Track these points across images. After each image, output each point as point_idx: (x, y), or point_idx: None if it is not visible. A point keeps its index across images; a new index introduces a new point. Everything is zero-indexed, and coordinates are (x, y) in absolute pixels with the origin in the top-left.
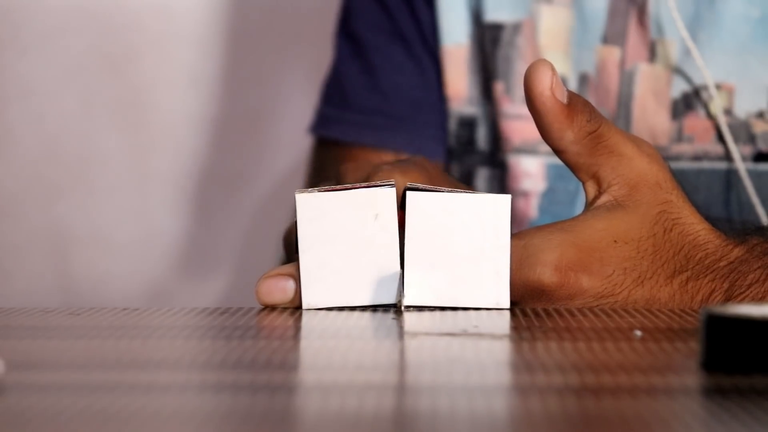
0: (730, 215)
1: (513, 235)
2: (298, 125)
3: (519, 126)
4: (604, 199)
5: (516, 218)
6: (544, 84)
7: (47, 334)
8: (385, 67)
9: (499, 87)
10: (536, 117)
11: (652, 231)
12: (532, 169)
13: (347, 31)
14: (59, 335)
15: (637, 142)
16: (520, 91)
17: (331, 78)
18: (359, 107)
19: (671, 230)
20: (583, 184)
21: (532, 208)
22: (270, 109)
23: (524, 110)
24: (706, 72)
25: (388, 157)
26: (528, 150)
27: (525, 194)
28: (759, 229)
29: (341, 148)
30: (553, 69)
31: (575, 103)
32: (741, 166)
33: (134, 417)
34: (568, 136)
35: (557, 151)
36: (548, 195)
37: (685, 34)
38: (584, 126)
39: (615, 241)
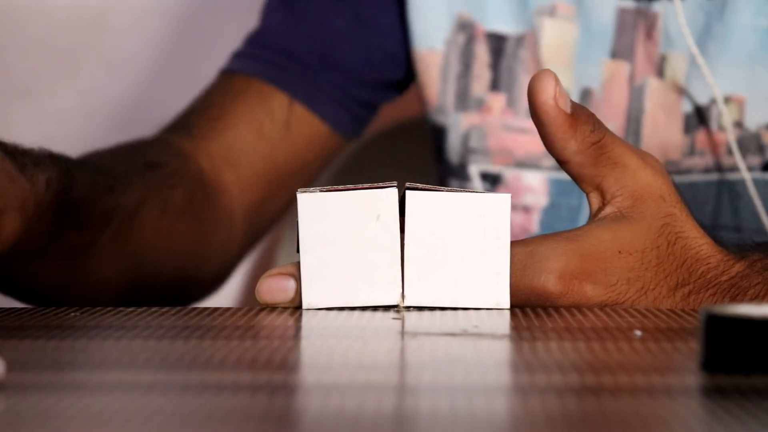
0: (738, 224)
1: (519, 242)
2: None
3: (523, 140)
4: (608, 210)
5: (515, 233)
6: (547, 93)
7: (47, 334)
8: (308, 16)
9: (499, 99)
10: (540, 127)
11: (656, 243)
12: (535, 183)
13: None
14: (59, 335)
15: (641, 154)
16: (523, 105)
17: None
18: (270, 46)
19: (674, 243)
20: (587, 195)
21: (533, 224)
22: None
23: (528, 124)
24: (717, 89)
25: (282, 97)
26: (531, 164)
27: (526, 209)
28: (759, 245)
29: (239, 78)
30: (556, 79)
31: (579, 114)
32: (747, 176)
33: (134, 417)
34: (572, 146)
35: (560, 162)
36: (550, 211)
37: (695, 50)
38: (588, 136)
39: (620, 252)
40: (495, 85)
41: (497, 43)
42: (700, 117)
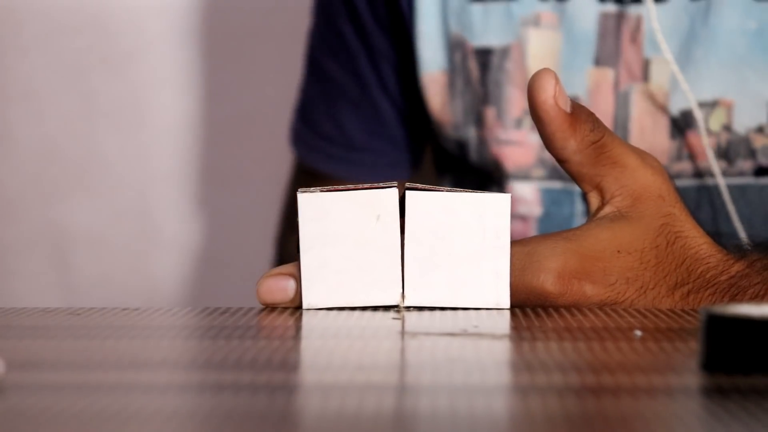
0: (734, 230)
1: (518, 241)
2: None
3: (511, 152)
4: (607, 209)
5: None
6: (547, 92)
7: (47, 334)
8: (342, 101)
9: (490, 112)
10: (539, 125)
11: (655, 243)
12: (527, 194)
13: (313, 56)
14: (59, 335)
15: (640, 153)
16: (510, 117)
17: (300, 96)
18: (320, 133)
19: (674, 243)
20: (586, 194)
21: (531, 231)
22: (270, 108)
23: (515, 136)
24: (691, 95)
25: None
26: (521, 176)
27: (523, 218)
28: (759, 245)
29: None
30: (556, 78)
31: (579, 113)
32: (721, 182)
33: (134, 417)
34: (571, 145)
35: (560, 161)
36: (545, 220)
37: (669, 56)
38: (587, 135)
39: (618, 252)
40: (486, 99)
41: (484, 57)
42: (685, 121)
